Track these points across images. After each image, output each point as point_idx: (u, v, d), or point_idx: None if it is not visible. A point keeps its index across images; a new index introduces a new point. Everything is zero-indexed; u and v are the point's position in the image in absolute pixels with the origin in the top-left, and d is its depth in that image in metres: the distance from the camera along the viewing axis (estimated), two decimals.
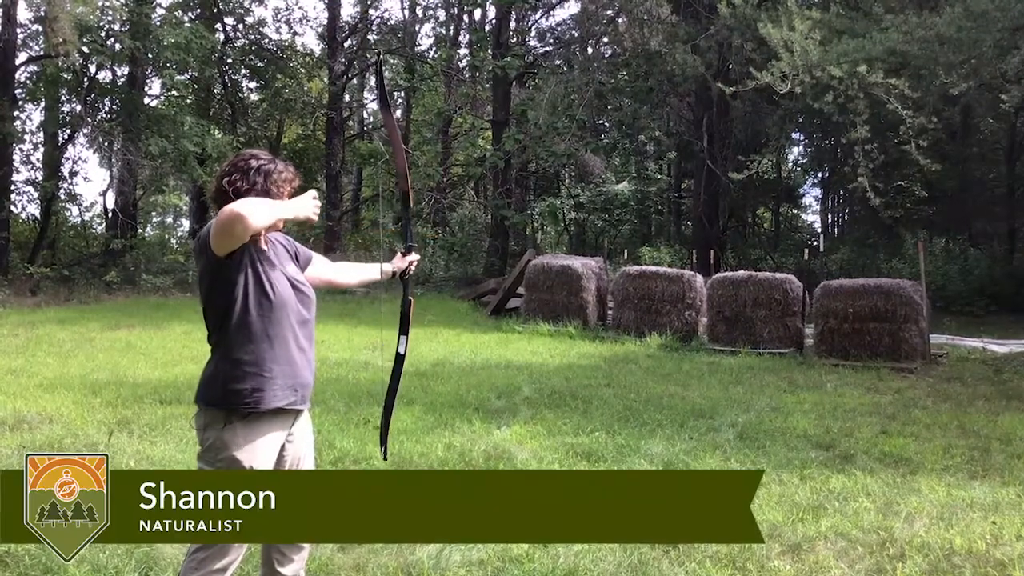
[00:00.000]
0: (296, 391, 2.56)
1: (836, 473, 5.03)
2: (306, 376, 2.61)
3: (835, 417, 6.74)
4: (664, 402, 7.23)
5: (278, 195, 2.62)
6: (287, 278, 2.63)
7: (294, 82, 24.86)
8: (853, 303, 10.18)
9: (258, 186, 2.60)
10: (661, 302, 11.98)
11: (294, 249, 2.80)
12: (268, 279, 2.55)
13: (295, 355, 2.57)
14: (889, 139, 16.51)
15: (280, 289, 2.57)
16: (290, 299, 2.59)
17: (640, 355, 10.34)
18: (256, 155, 2.67)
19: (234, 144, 19.66)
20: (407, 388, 7.21)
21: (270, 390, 2.48)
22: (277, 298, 2.55)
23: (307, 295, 2.69)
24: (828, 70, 10.98)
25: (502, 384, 7.85)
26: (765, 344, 10.87)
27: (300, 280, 2.69)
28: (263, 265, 2.55)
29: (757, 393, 7.84)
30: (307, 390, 2.62)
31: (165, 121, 18.13)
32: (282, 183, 2.65)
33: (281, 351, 2.52)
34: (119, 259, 18.92)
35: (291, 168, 2.71)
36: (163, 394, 7.04)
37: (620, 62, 21.46)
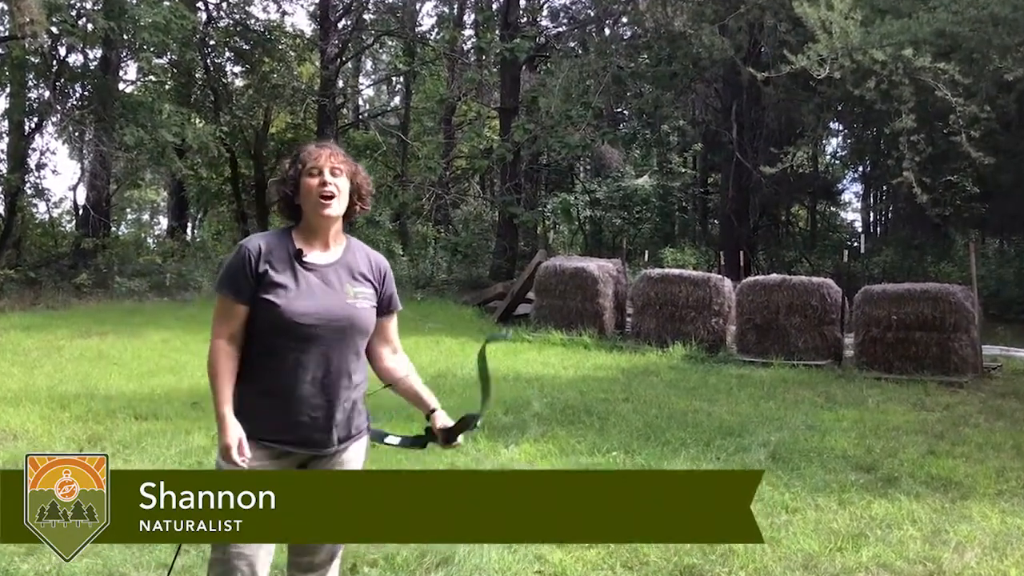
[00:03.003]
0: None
1: (878, 498, 5.01)
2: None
3: (877, 436, 6.72)
4: (688, 419, 7.22)
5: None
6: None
7: (283, 66, 24.91)
8: (897, 310, 10.15)
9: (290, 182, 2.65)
10: (685, 309, 11.96)
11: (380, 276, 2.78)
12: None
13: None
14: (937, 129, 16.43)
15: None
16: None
17: (662, 367, 10.33)
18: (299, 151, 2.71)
19: (216, 134, 19.71)
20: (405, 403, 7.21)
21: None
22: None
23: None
24: (870, 53, 10.96)
25: (510, 398, 7.85)
26: (800, 355, 10.83)
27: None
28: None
29: (791, 409, 7.83)
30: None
31: (141, 109, 18.20)
32: (311, 167, 2.63)
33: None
34: (90, 260, 18.98)
35: (314, 149, 2.67)
36: (138, 408, 7.06)
37: (641, 44, 21.47)
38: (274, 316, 2.51)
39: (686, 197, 28.04)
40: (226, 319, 2.56)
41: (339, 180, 2.63)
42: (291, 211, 2.67)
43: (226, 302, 2.57)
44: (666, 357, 11.13)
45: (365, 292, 2.66)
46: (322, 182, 2.59)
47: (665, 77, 20.41)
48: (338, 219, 2.66)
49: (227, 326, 2.56)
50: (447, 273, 22.60)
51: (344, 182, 2.65)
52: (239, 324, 2.56)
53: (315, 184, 2.59)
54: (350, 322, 2.59)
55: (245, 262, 2.56)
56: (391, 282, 2.79)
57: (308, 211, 2.63)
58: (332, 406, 2.58)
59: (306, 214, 2.64)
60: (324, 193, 2.58)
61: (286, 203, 2.66)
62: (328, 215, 2.60)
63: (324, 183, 2.59)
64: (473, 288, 19.94)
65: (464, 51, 25.32)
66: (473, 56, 24.76)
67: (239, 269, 2.56)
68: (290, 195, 2.64)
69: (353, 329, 2.60)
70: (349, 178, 2.66)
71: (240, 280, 2.55)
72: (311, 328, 2.51)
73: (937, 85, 11.54)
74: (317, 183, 2.59)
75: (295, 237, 2.65)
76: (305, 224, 2.66)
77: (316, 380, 2.55)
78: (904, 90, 11.57)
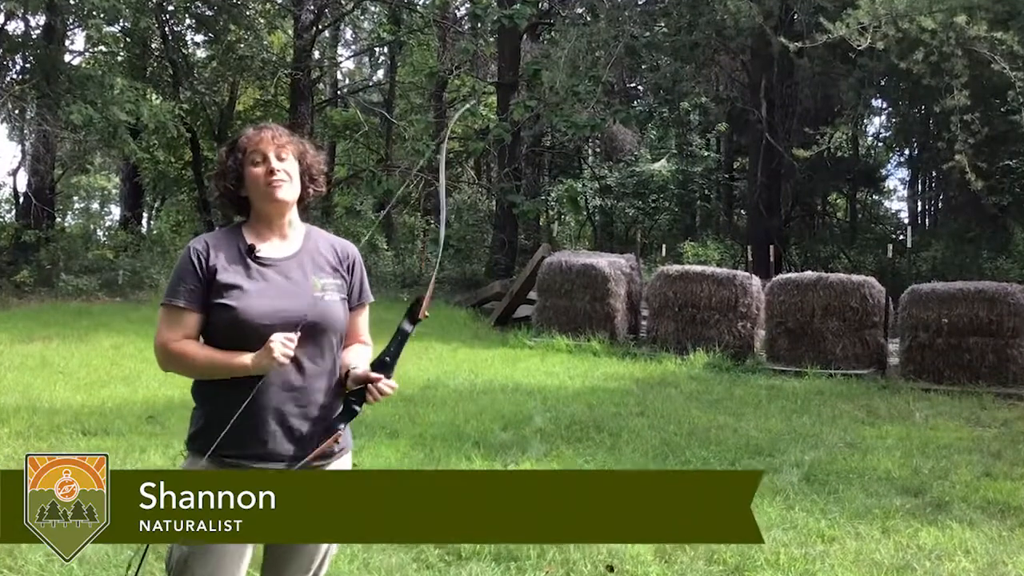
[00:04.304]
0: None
1: (927, 525, 5.01)
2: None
3: (926, 455, 6.72)
4: (711, 436, 7.23)
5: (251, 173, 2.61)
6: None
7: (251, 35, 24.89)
8: (949, 312, 10.15)
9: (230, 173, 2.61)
10: (708, 310, 11.97)
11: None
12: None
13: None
14: (994, 107, 16.46)
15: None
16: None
17: (681, 377, 10.34)
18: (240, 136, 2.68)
19: (176, 112, 19.70)
20: (389, 417, 7.24)
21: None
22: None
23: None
24: (918, 21, 10.97)
25: (509, 412, 7.85)
26: (838, 363, 10.85)
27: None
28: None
29: (828, 425, 7.83)
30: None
31: (90, 83, 18.18)
32: (252, 153, 2.60)
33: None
34: (32, 255, 18.98)
35: (253, 132, 2.64)
36: (86, 423, 7.04)
37: (657, 11, 21.49)
38: (231, 320, 2.48)
39: (709, 184, 28.06)
40: (178, 327, 2.53)
41: (287, 164, 2.60)
42: (237, 206, 2.65)
43: (174, 312, 2.53)
44: (686, 366, 11.14)
45: (333, 283, 2.64)
46: (269, 170, 2.56)
47: (685, 48, 20.39)
48: (292, 204, 2.64)
49: (179, 331, 2.53)
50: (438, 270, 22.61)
51: (293, 164, 2.62)
52: (192, 332, 2.54)
53: (261, 173, 2.56)
54: (320, 318, 2.56)
55: (193, 263, 2.53)
56: (361, 270, 2.78)
57: (257, 201, 2.60)
58: (306, 415, 2.56)
59: (255, 205, 2.62)
60: (273, 182, 2.55)
61: (229, 198, 2.64)
62: (281, 199, 2.57)
63: (271, 171, 2.56)
64: (467, 287, 19.96)
65: (457, 18, 25.35)
66: (467, 24, 24.76)
67: (189, 272, 2.53)
68: (233, 188, 2.61)
69: (324, 325, 2.57)
70: (298, 158, 2.64)
71: (191, 283, 2.52)
72: (275, 329, 2.46)
73: (993, 57, 11.55)
74: (263, 172, 2.56)
75: (246, 233, 2.62)
76: (255, 217, 2.63)
77: (287, 386, 2.53)
78: (956, 63, 11.57)
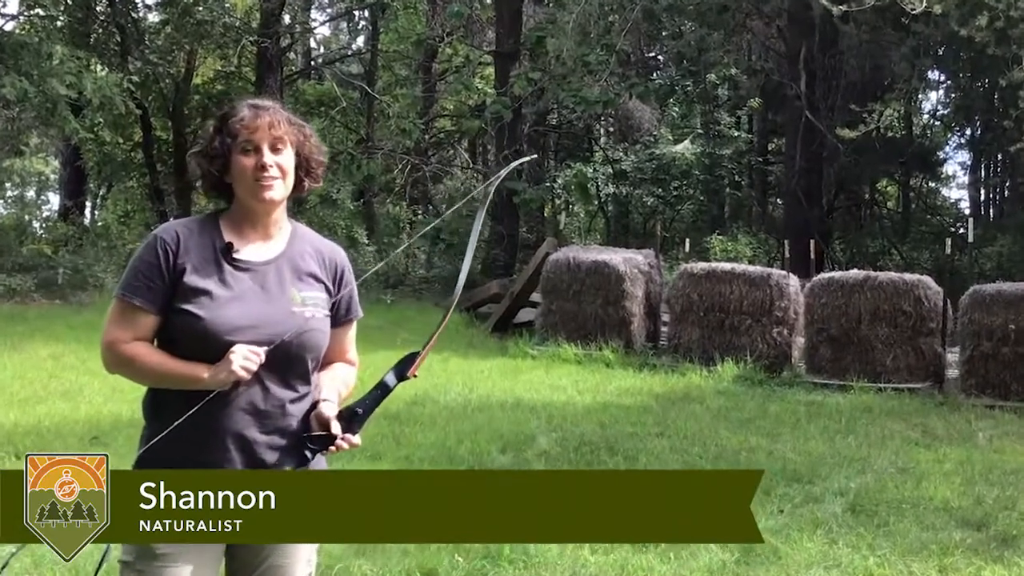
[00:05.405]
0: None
1: (991, 563, 5.01)
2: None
3: (990, 482, 6.72)
4: (742, 459, 7.23)
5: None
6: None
7: None
8: (1017, 317, 10.15)
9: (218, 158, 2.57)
10: (738, 315, 11.97)
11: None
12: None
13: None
14: None
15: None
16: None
17: (708, 391, 10.33)
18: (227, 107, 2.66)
19: (124, 85, 19.68)
20: (371, 438, 7.22)
21: None
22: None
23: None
24: None
25: (508, 432, 7.84)
26: (888, 376, 10.85)
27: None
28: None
29: (877, 447, 7.82)
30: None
31: (25, 52, 18.17)
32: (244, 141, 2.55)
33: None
34: None
35: (248, 114, 2.57)
36: (20, 444, 7.04)
37: None
38: (195, 331, 2.45)
39: (739, 169, 28.05)
40: (130, 326, 2.50)
41: (283, 157, 2.55)
42: (219, 191, 2.62)
43: (128, 309, 2.50)
44: (713, 379, 11.14)
45: (316, 297, 2.61)
46: (260, 164, 2.51)
47: (712, 12, 20.41)
48: (282, 202, 2.61)
49: (130, 332, 2.49)
50: (426, 268, 22.63)
51: (289, 157, 2.57)
52: (146, 335, 2.51)
53: (251, 165, 2.51)
54: (296, 337, 2.51)
55: (159, 257, 2.48)
56: (351, 282, 2.74)
57: (242, 194, 2.56)
58: (271, 444, 2.55)
59: (239, 197, 2.58)
60: (263, 179, 2.51)
61: (211, 183, 2.59)
62: (270, 199, 2.53)
63: (263, 166, 2.51)
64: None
65: None
66: None
67: (152, 267, 2.48)
68: (217, 174, 2.56)
69: (301, 346, 2.54)
70: (296, 148, 2.59)
71: (153, 281, 2.48)
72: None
73: None
74: (254, 164, 2.51)
75: (224, 226, 2.59)
76: (238, 209, 2.60)
77: (251, 408, 2.51)
78: None
